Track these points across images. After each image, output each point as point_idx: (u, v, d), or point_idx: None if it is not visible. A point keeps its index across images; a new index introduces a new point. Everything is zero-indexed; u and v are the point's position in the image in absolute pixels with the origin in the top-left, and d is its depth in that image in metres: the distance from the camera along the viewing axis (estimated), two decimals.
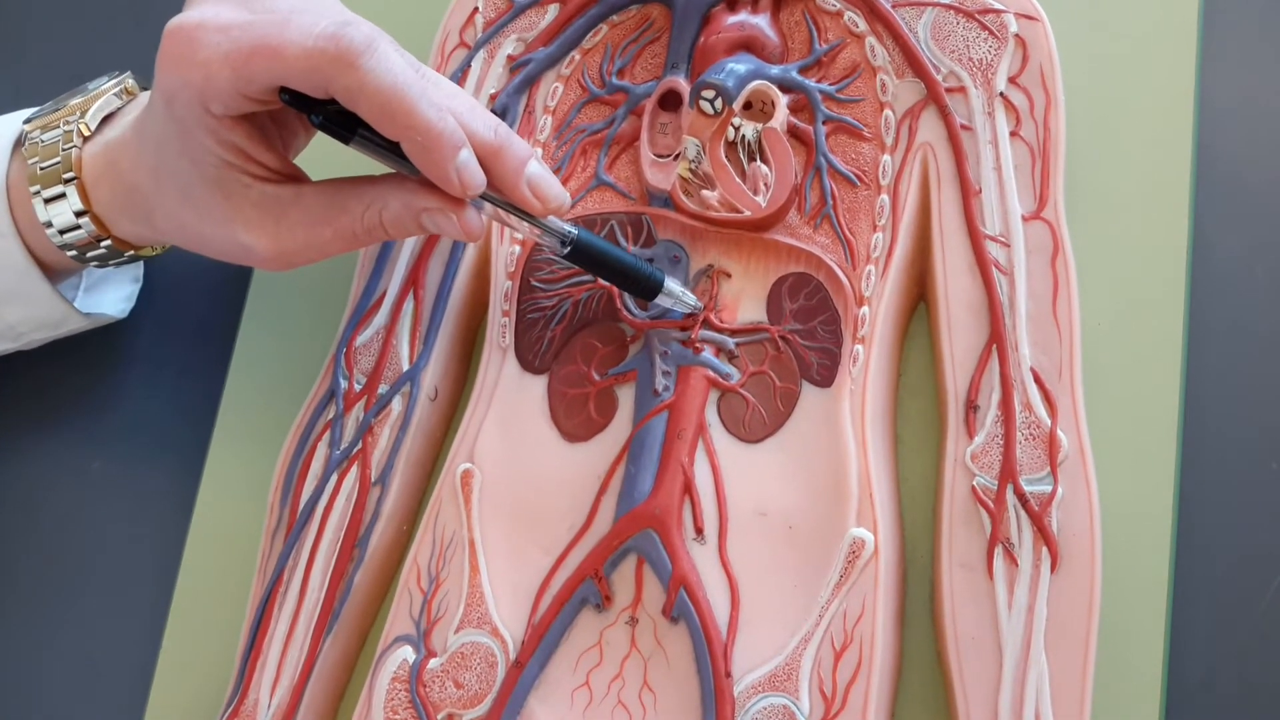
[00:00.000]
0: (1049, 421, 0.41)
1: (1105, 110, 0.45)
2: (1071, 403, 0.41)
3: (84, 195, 0.44)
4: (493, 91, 0.49)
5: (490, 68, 0.49)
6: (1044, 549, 0.40)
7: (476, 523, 0.44)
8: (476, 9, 0.50)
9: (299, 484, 0.46)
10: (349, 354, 0.47)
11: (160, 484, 0.50)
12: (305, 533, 0.46)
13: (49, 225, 0.45)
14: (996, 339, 0.42)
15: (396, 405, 0.46)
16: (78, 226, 0.45)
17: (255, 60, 0.38)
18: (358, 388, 0.47)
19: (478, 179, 0.40)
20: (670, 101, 0.47)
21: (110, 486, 0.50)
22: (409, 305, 0.47)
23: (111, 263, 0.47)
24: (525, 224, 0.42)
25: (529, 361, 0.46)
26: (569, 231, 0.42)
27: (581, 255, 0.43)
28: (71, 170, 0.44)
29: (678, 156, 0.46)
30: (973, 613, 0.40)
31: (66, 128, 0.45)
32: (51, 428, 0.50)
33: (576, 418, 0.45)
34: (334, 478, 0.46)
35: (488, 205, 0.42)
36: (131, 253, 0.46)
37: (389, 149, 0.40)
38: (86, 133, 0.44)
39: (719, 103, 0.45)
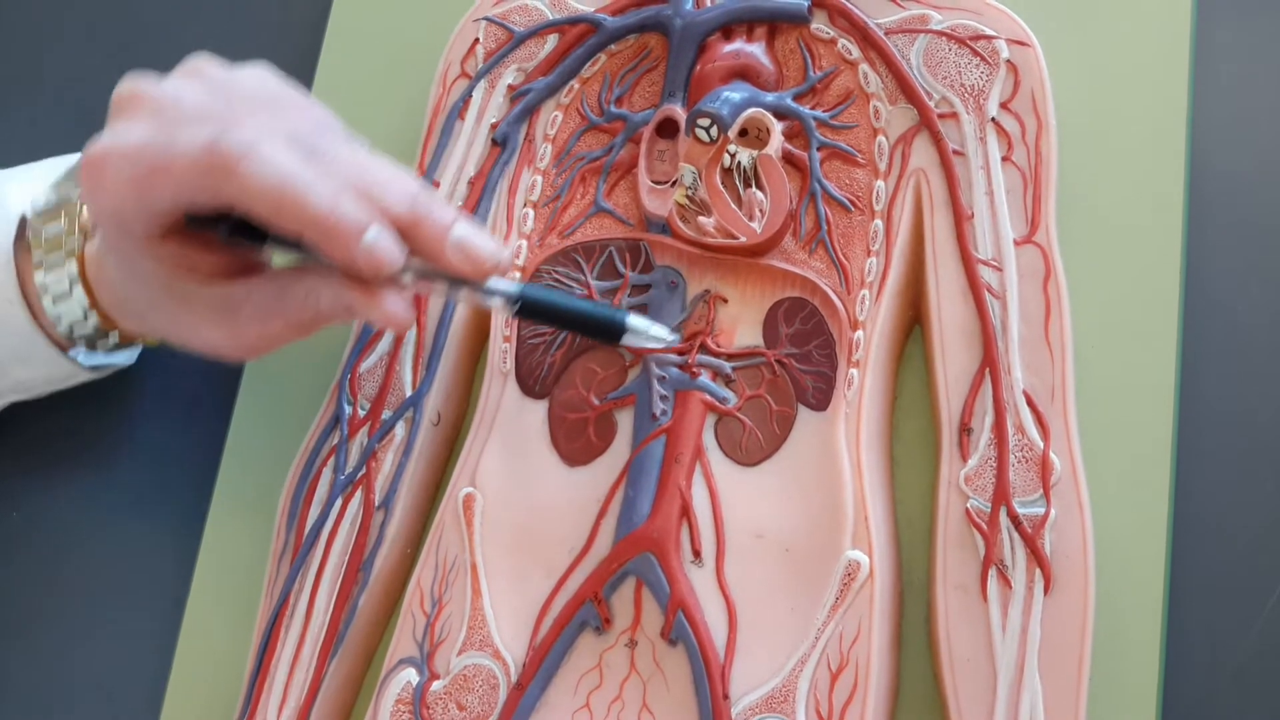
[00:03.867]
0: (1041, 444, 0.42)
1: (1097, 135, 0.45)
2: (1064, 425, 0.42)
3: (90, 293, 0.45)
4: (493, 120, 0.50)
5: (491, 97, 0.50)
6: (1037, 571, 0.41)
7: (478, 546, 0.45)
8: (477, 40, 0.50)
9: (305, 508, 0.47)
10: (353, 380, 0.48)
11: (170, 508, 0.51)
12: (311, 556, 0.47)
13: (59, 320, 0.46)
14: (989, 362, 0.43)
15: (400, 430, 0.47)
16: (85, 321, 0.46)
17: (151, 182, 0.38)
18: (361, 413, 0.48)
19: (389, 257, 0.38)
20: (667, 129, 0.47)
21: (121, 513, 0.51)
22: (411, 332, 0.48)
23: (123, 349, 0.48)
24: (465, 291, 0.40)
25: (529, 386, 0.47)
26: (510, 292, 0.40)
27: (533, 312, 0.40)
28: (76, 269, 0.45)
29: (675, 183, 0.46)
30: (967, 634, 0.41)
31: (68, 221, 0.45)
32: (64, 455, 0.51)
33: (576, 442, 0.46)
34: (339, 502, 0.47)
35: (423, 280, 0.39)
36: (139, 344, 0.48)
37: (300, 245, 0.39)
38: (87, 229, 0.45)
39: (714, 130, 0.45)
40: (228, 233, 0.40)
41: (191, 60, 0.42)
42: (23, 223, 0.46)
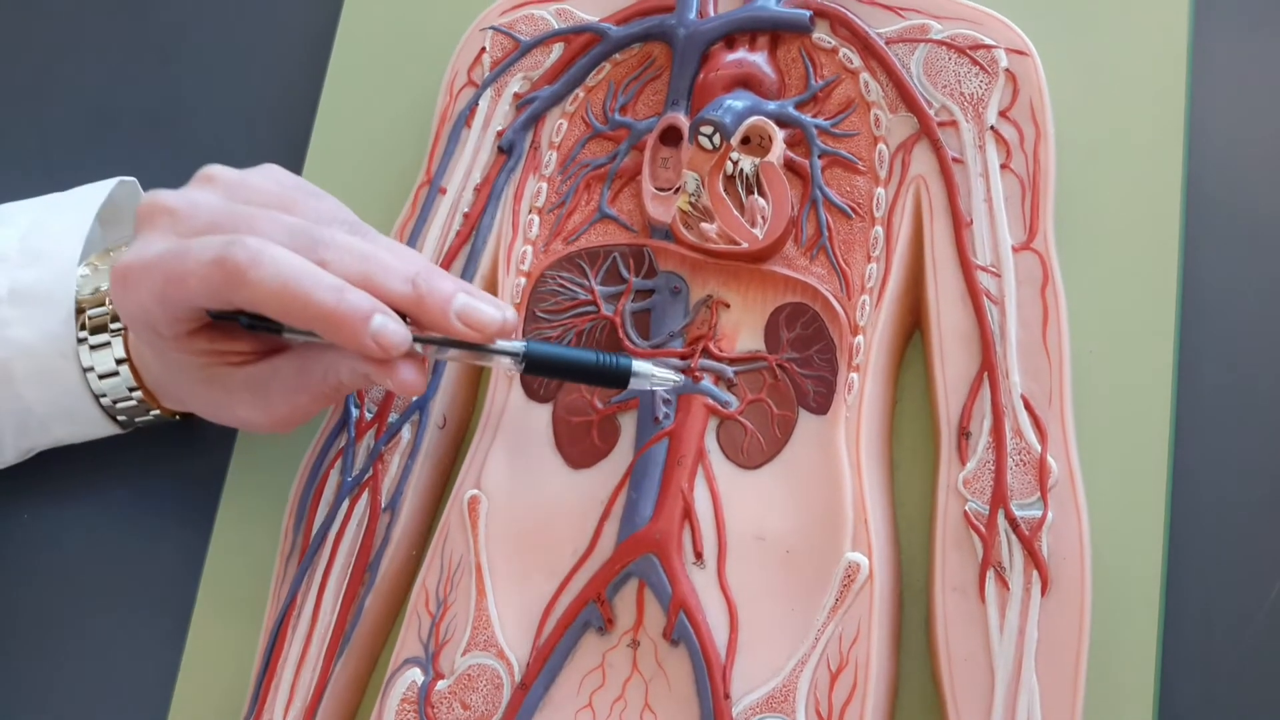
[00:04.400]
0: (1039, 447, 0.42)
1: (1095, 143, 0.46)
2: (1061, 429, 0.42)
3: (135, 374, 0.48)
4: (500, 128, 0.50)
5: (497, 105, 0.51)
6: (1034, 573, 0.41)
7: (483, 547, 0.46)
8: (484, 49, 0.51)
9: (312, 510, 0.48)
10: None
11: (178, 510, 0.51)
12: (318, 557, 0.47)
13: (103, 395, 0.48)
14: (988, 367, 0.43)
15: (406, 433, 0.48)
16: (129, 397, 0.48)
17: (170, 292, 0.41)
18: (369, 416, 0.48)
19: (396, 339, 0.41)
20: (671, 137, 0.48)
21: (129, 515, 0.52)
22: None
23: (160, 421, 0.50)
24: (473, 353, 0.43)
25: (534, 390, 0.47)
26: (517, 351, 0.42)
27: (539, 366, 0.43)
28: (122, 351, 0.47)
29: (678, 190, 0.47)
30: (965, 635, 0.41)
31: (112, 306, 0.47)
32: (72, 457, 0.52)
33: (580, 445, 0.46)
34: (345, 504, 0.47)
35: (433, 347, 0.42)
36: (178, 418, 0.50)
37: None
38: None
39: (717, 138, 0.46)
40: (248, 323, 0.42)
41: (204, 169, 0.44)
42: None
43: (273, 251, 0.40)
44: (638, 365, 0.43)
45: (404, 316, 0.42)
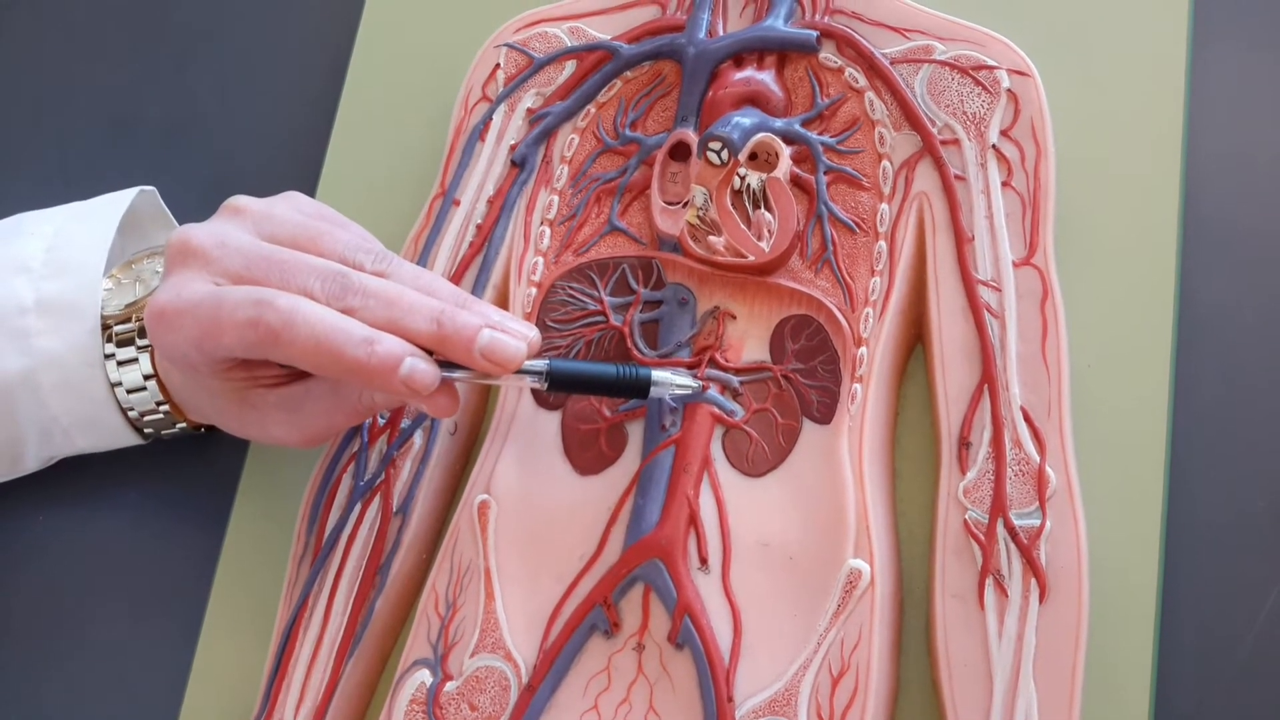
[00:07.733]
0: (1038, 458, 0.43)
1: (1094, 161, 0.47)
2: (1060, 440, 0.43)
3: (163, 389, 0.49)
4: (513, 142, 0.52)
5: (511, 120, 0.52)
6: (1033, 581, 0.42)
7: (492, 551, 0.46)
8: (498, 65, 0.52)
9: (324, 513, 0.49)
10: None
11: (192, 512, 0.52)
12: (330, 560, 0.48)
13: (131, 409, 0.49)
14: (988, 379, 0.44)
15: (418, 439, 0.49)
16: (156, 410, 0.49)
17: (206, 342, 0.42)
18: (381, 422, 0.49)
19: (427, 379, 0.42)
20: (680, 152, 0.49)
21: (144, 515, 0.53)
22: None
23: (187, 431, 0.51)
24: (499, 377, 0.44)
25: (544, 398, 0.48)
26: (541, 370, 0.44)
27: (563, 384, 0.44)
28: (150, 366, 0.48)
29: (686, 204, 0.48)
30: (965, 641, 0.42)
31: (138, 323, 0.48)
32: (87, 459, 0.52)
33: (588, 452, 0.47)
34: (357, 507, 0.48)
35: (460, 372, 0.43)
36: (203, 430, 0.52)
37: None
38: None
39: (725, 154, 0.47)
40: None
41: (231, 201, 0.45)
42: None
43: (304, 311, 0.41)
44: (657, 375, 0.45)
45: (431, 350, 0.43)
